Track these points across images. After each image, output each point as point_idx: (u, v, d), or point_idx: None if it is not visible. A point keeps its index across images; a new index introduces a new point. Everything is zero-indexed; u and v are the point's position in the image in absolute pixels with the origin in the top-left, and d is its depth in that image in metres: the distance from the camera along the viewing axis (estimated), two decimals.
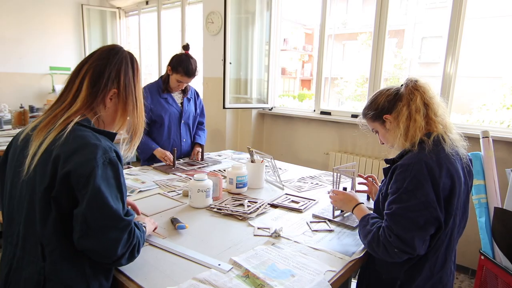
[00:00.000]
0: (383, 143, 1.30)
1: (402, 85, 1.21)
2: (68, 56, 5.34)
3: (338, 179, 1.48)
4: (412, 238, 1.02)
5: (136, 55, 1.08)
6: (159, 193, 1.67)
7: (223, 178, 1.86)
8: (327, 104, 3.87)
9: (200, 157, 2.34)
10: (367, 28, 14.20)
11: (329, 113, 3.36)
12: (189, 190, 1.50)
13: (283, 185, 1.82)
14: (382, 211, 1.16)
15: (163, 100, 2.25)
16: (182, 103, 2.33)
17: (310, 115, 3.45)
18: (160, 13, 4.97)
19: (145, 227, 1.12)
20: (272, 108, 3.82)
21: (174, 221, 1.32)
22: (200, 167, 2.17)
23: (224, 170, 2.08)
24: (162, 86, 2.24)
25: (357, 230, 1.30)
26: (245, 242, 1.20)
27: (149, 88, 2.24)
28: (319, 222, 1.39)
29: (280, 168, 2.21)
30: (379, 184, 1.48)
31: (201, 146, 2.36)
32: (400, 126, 1.14)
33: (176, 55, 2.17)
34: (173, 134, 2.32)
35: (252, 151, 1.79)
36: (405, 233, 1.03)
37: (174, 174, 2.00)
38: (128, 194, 1.63)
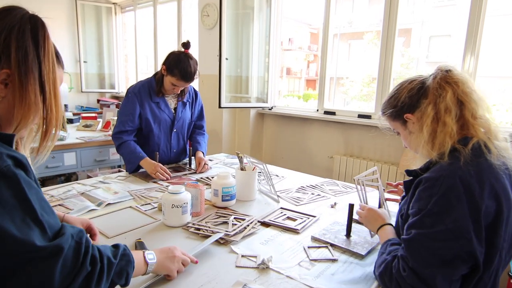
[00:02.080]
0: (406, 147, 1.05)
1: (430, 75, 0.95)
2: (62, 54, 4.93)
3: (363, 191, 1.21)
4: (432, 276, 0.77)
5: (132, 53, 0.77)
6: (130, 207, 1.41)
7: (207, 187, 1.61)
8: (332, 104, 3.60)
9: (207, 168, 1.99)
10: (373, 27, 13.90)
11: (333, 113, 3.08)
12: (162, 205, 1.24)
13: (278, 196, 1.56)
14: (401, 234, 0.91)
15: (154, 104, 1.95)
16: (175, 108, 2.04)
17: (313, 115, 3.18)
18: (156, 8, 4.73)
19: (148, 258, 0.85)
20: (272, 108, 3.56)
21: (138, 246, 1.06)
22: (186, 174, 1.91)
23: (213, 178, 1.81)
24: (155, 88, 1.94)
25: (367, 260, 1.04)
26: (224, 277, 0.94)
27: (140, 89, 1.93)
28: (319, 247, 1.12)
29: (276, 175, 1.94)
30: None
31: (190, 150, 2.09)
32: (424, 131, 0.88)
33: (174, 53, 1.86)
34: (163, 144, 2.03)
35: (241, 156, 1.53)
36: (423, 267, 0.78)
37: (154, 182, 1.75)
38: (93, 208, 1.38)
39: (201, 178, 1.82)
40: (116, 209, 1.38)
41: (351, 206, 1.16)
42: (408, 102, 0.95)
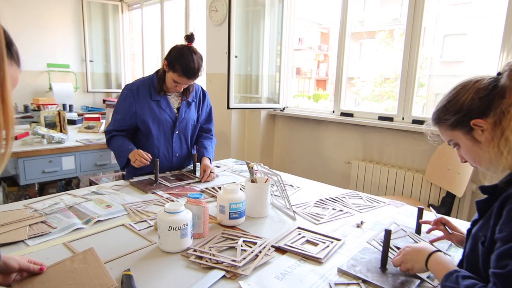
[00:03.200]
0: (465, 161, 0.84)
1: (499, 73, 0.75)
2: (67, 53, 5.01)
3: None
4: None
5: (139, 52, 0.57)
6: (123, 225, 1.22)
7: (213, 200, 1.40)
8: (344, 104, 3.38)
9: (213, 177, 1.78)
10: (386, 26, 13.55)
11: (351, 115, 2.85)
12: (157, 226, 1.04)
13: (294, 212, 1.34)
14: (481, 269, 0.73)
15: (154, 103, 1.77)
16: (179, 108, 1.85)
17: (328, 116, 2.96)
18: (163, 4, 4.56)
19: None
20: (284, 109, 3.34)
21: (124, 282, 0.86)
22: (189, 183, 1.71)
23: (220, 189, 1.61)
24: (156, 85, 1.76)
25: None
26: None
27: (139, 86, 1.77)
28: (349, 284, 0.90)
29: (291, 185, 1.73)
30: (460, 230, 1.00)
31: (194, 156, 1.88)
32: (509, 137, 0.68)
33: (176, 47, 1.68)
34: (163, 147, 1.84)
35: (252, 167, 1.31)
36: None
37: (154, 193, 1.55)
38: (80, 226, 1.18)
39: (206, 188, 1.62)
40: (106, 227, 1.19)
41: (387, 233, 0.94)
42: (477, 105, 0.75)
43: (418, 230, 1.16)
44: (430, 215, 1.21)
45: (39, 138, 2.53)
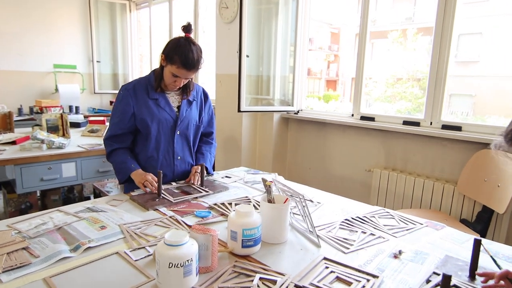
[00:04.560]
0: None
1: None
2: (74, 53, 4.89)
3: None
4: None
5: (147, 53, 0.41)
6: (117, 253, 1.03)
7: (223, 219, 1.21)
8: (361, 107, 3.17)
9: (198, 179, 1.68)
10: (398, 25, 13.23)
11: (372, 119, 2.64)
12: (156, 261, 0.85)
13: (318, 237, 1.14)
14: None
15: (152, 101, 1.63)
16: (179, 107, 1.71)
17: (347, 120, 2.74)
18: (172, 3, 4.40)
19: None
20: (298, 112, 3.14)
21: None
22: (196, 197, 1.52)
23: (230, 205, 1.42)
24: (154, 83, 1.63)
25: None
26: None
27: (135, 85, 1.64)
28: None
29: (311, 200, 1.53)
30: None
31: (202, 166, 1.70)
32: None
33: (173, 39, 1.56)
34: (163, 149, 1.69)
35: (269, 185, 1.12)
36: None
37: (156, 209, 1.37)
38: (67, 255, 1.00)
39: (215, 204, 1.43)
40: (97, 256, 1.00)
41: (446, 279, 0.73)
42: None
43: (472, 273, 0.93)
44: (486, 243, 1.00)
45: (38, 143, 2.38)
